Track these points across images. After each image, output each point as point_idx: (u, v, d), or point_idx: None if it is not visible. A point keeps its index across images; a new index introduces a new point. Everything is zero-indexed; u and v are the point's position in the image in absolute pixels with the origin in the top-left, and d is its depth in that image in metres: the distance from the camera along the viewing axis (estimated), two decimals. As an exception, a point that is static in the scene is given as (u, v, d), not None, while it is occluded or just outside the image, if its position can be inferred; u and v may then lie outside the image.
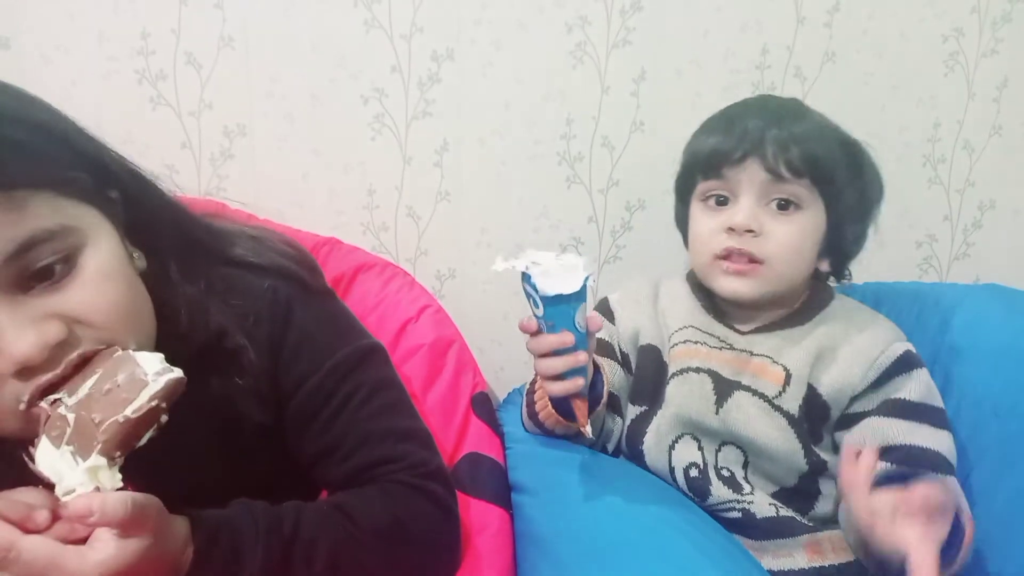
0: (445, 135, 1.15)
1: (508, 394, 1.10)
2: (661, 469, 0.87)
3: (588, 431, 0.77)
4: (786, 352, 0.85)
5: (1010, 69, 1.25)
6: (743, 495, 0.82)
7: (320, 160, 1.14)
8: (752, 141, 0.82)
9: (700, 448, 0.86)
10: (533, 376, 0.85)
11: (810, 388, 0.83)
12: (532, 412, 0.89)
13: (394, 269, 1.11)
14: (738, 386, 0.85)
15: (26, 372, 0.49)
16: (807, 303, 0.89)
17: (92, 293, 0.51)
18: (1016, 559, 0.82)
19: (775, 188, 0.82)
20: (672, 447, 0.87)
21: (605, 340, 0.94)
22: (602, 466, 0.87)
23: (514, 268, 0.69)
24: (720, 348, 0.88)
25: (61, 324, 0.50)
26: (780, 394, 0.83)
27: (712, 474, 0.84)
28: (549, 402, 0.84)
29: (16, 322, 0.48)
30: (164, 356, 0.52)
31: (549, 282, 0.68)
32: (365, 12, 1.09)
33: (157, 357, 0.51)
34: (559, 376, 0.73)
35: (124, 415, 0.48)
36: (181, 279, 0.61)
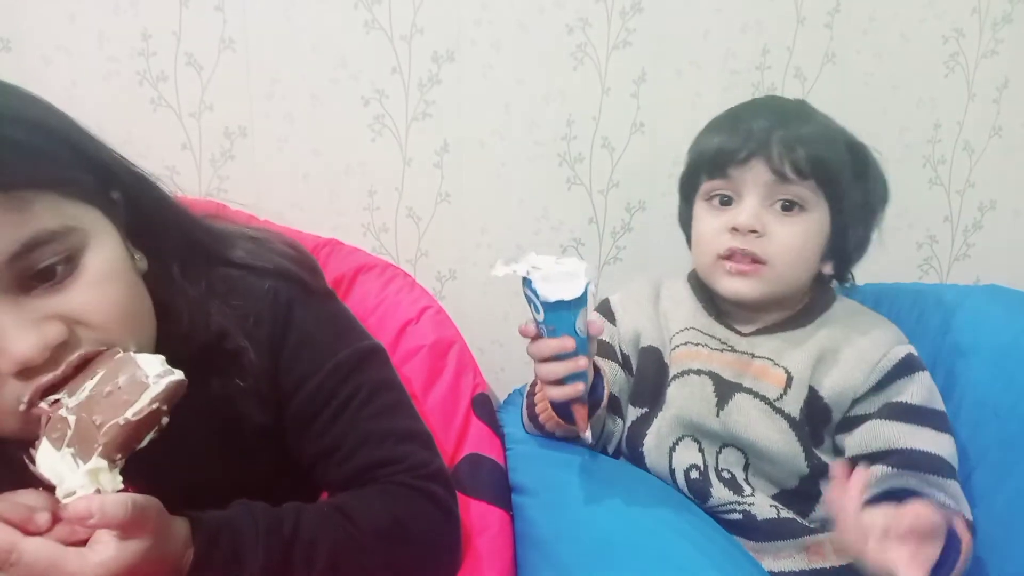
0: (445, 136, 1.15)
1: (508, 395, 1.10)
2: (661, 471, 0.87)
3: (587, 436, 0.77)
4: (787, 354, 0.85)
5: (1010, 70, 1.25)
6: (744, 497, 0.82)
7: (320, 161, 1.14)
8: (758, 141, 0.82)
9: (701, 450, 0.85)
10: (534, 377, 0.85)
11: (811, 391, 0.83)
12: (532, 414, 0.89)
13: (394, 270, 1.10)
14: (739, 388, 0.85)
15: (27, 372, 0.49)
16: (809, 305, 0.89)
17: (94, 294, 0.51)
18: (1017, 560, 0.82)
19: (780, 189, 0.82)
20: (672, 449, 0.86)
21: (606, 341, 0.94)
22: (602, 467, 0.87)
23: (515, 273, 0.69)
24: (721, 350, 0.88)
25: (62, 325, 0.50)
26: (781, 396, 0.83)
27: (712, 476, 0.84)
28: (550, 404, 0.84)
29: (18, 322, 0.48)
30: (164, 358, 0.52)
31: (550, 287, 0.68)
32: (365, 13, 1.09)
33: (158, 359, 0.51)
34: (559, 381, 0.73)
35: (125, 417, 0.48)
36: (182, 280, 0.61)
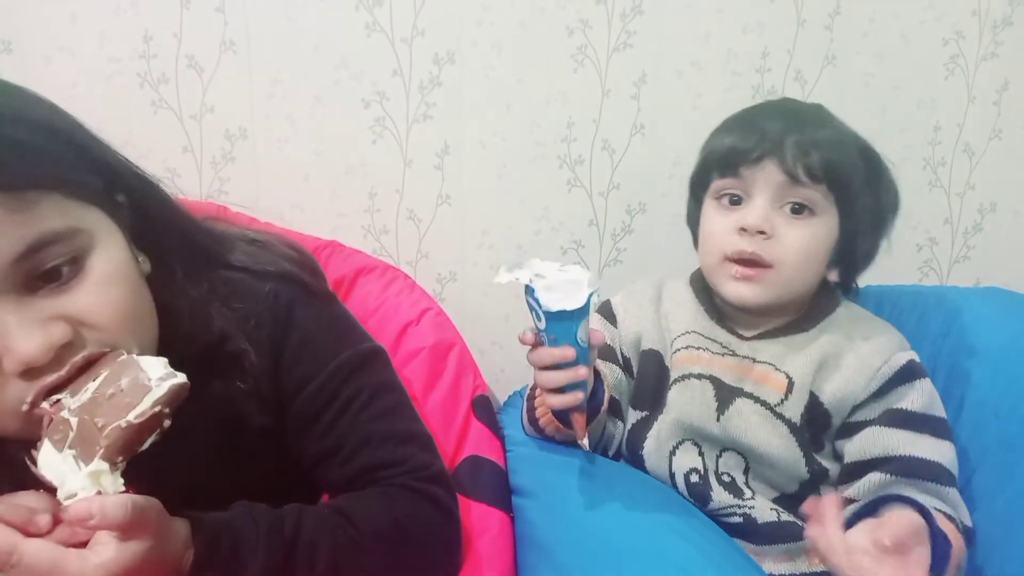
0: (446, 138, 1.15)
1: (509, 397, 1.10)
2: (661, 474, 0.87)
3: (585, 443, 0.77)
4: (789, 359, 0.84)
5: (1010, 72, 1.25)
6: (744, 500, 0.82)
7: (321, 163, 1.14)
8: (772, 142, 0.81)
9: (701, 454, 0.85)
10: (534, 380, 0.85)
11: (812, 396, 0.82)
12: (533, 417, 0.89)
13: (395, 272, 1.10)
14: (740, 393, 0.85)
15: (31, 373, 0.49)
16: (812, 310, 0.89)
17: (98, 296, 0.51)
18: (1017, 560, 0.82)
19: (791, 191, 0.81)
20: (673, 453, 0.86)
21: (607, 344, 0.94)
22: (603, 470, 0.87)
23: (517, 281, 0.68)
24: (722, 354, 0.88)
25: (67, 326, 0.50)
26: (782, 402, 0.83)
27: (713, 479, 0.84)
28: (550, 409, 0.83)
29: (23, 323, 0.48)
30: (167, 360, 0.51)
31: (552, 297, 0.67)
32: (366, 15, 1.09)
33: (161, 362, 0.51)
34: (559, 389, 0.73)
35: (127, 420, 0.48)
36: (184, 283, 0.61)
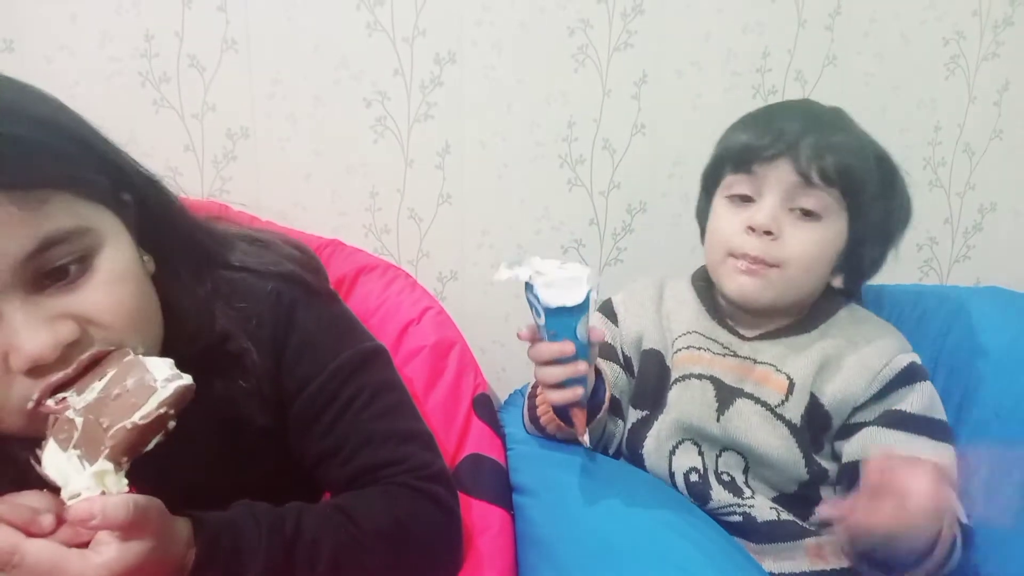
0: (447, 137, 1.15)
1: (510, 395, 1.10)
2: (661, 473, 0.87)
3: (585, 440, 0.77)
4: (790, 361, 0.84)
5: (1011, 72, 1.25)
6: (744, 499, 0.82)
7: (322, 162, 1.14)
8: (787, 142, 0.80)
9: (700, 453, 0.85)
10: (535, 378, 0.85)
11: (812, 397, 0.82)
12: (534, 415, 0.89)
13: (396, 271, 1.11)
14: (740, 393, 0.85)
15: (37, 371, 0.49)
16: (813, 311, 0.88)
17: (106, 295, 0.52)
18: (1017, 560, 0.82)
19: (802, 193, 0.80)
20: (672, 452, 0.86)
21: (608, 343, 0.94)
22: (603, 468, 0.87)
23: (517, 278, 0.69)
24: (723, 355, 0.88)
25: (74, 324, 0.50)
26: (783, 403, 0.83)
27: (712, 479, 0.84)
28: (551, 407, 0.84)
29: (30, 321, 0.49)
30: (173, 361, 0.52)
31: (552, 293, 0.68)
32: (367, 15, 1.09)
33: (167, 363, 0.51)
34: (559, 385, 0.73)
35: (132, 421, 0.48)
36: (188, 282, 0.61)
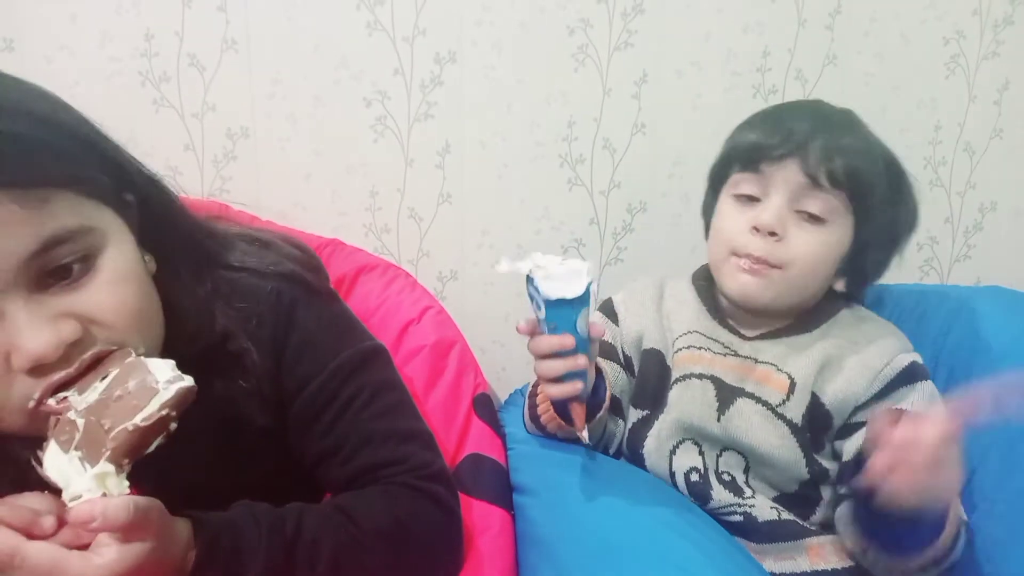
0: (447, 137, 1.15)
1: (510, 395, 1.10)
2: (661, 473, 0.87)
3: (585, 436, 0.77)
4: (791, 360, 0.84)
5: (1011, 72, 1.25)
6: (744, 499, 0.82)
7: (322, 162, 1.14)
8: (796, 142, 0.80)
9: (701, 453, 0.85)
10: (535, 378, 0.85)
11: (814, 397, 0.82)
12: (534, 414, 0.89)
13: (396, 270, 1.11)
14: (741, 393, 0.85)
15: (39, 370, 0.49)
16: (815, 311, 0.88)
17: (109, 294, 0.52)
18: (1017, 560, 0.82)
19: (809, 194, 0.80)
20: (673, 452, 0.86)
21: (608, 342, 0.94)
22: (604, 468, 0.87)
23: (518, 270, 0.69)
24: (724, 354, 0.88)
25: (76, 323, 0.50)
26: (784, 402, 0.83)
27: (713, 478, 0.84)
28: (551, 404, 0.84)
29: (33, 320, 0.49)
30: (175, 363, 0.51)
31: (552, 285, 0.68)
32: (368, 15, 1.09)
33: (168, 364, 0.51)
34: (558, 378, 0.73)
35: (134, 423, 0.48)
36: (188, 282, 0.61)
